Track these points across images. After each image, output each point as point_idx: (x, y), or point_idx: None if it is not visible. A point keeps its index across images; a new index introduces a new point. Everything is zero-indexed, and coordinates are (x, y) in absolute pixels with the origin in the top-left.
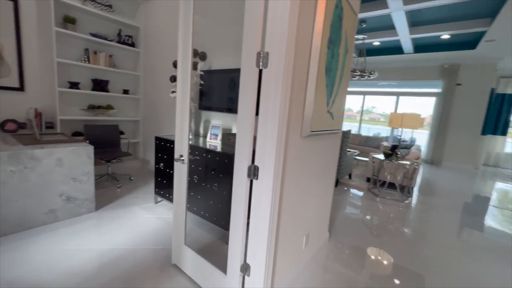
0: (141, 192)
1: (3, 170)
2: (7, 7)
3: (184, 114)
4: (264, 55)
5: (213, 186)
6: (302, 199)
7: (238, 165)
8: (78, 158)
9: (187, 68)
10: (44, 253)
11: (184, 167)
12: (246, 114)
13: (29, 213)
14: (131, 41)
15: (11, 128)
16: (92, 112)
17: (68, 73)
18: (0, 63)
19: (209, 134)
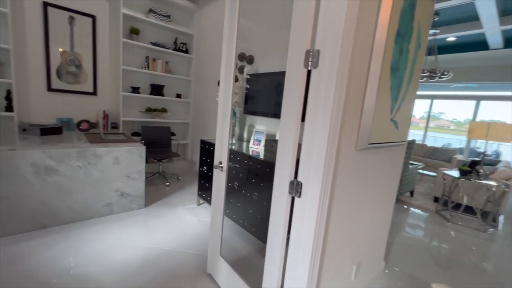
0: (186, 192)
1: (72, 165)
2: (87, 22)
3: (225, 121)
4: (314, 53)
5: (253, 195)
6: (354, 222)
7: (278, 179)
8: (132, 157)
9: (230, 71)
10: (97, 244)
11: (223, 175)
12: (290, 120)
13: (90, 205)
14: (185, 48)
15: (84, 127)
16: (149, 114)
17: (131, 79)
18: (80, 71)
19: (252, 139)
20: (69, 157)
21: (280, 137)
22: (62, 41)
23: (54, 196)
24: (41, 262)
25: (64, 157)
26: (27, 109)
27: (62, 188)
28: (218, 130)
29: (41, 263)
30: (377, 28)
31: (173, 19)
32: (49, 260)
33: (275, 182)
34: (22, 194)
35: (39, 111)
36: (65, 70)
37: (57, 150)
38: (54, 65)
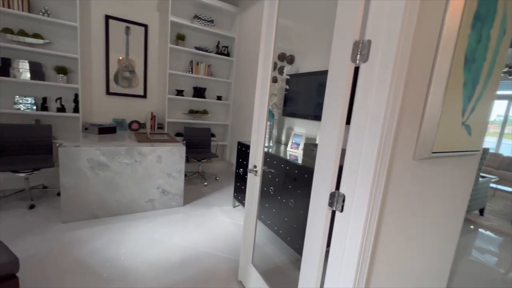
0: (223, 193)
1: (121, 162)
2: (140, 31)
3: (261, 123)
4: (364, 44)
5: (289, 202)
6: (409, 245)
7: (316, 189)
8: (173, 157)
9: (267, 72)
10: (139, 238)
11: (257, 180)
12: (332, 122)
13: (135, 200)
14: (226, 51)
15: (134, 128)
16: (191, 116)
17: (176, 82)
18: (133, 76)
19: (290, 143)
20: (118, 154)
21: (320, 142)
22: (119, 49)
23: (105, 189)
24: (92, 249)
25: (114, 154)
26: (90, 110)
27: (112, 182)
28: (254, 133)
29: (92, 251)
30: (448, 9)
31: (216, 24)
32: (99, 248)
33: (313, 192)
34: (80, 186)
35: (99, 112)
36: (121, 75)
37: (109, 147)
38: (112, 71)
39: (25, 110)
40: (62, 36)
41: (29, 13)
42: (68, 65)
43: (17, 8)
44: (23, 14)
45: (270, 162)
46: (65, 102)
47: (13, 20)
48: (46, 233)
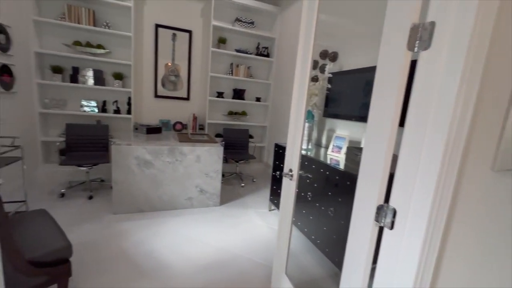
0: (260, 195)
1: (163, 160)
2: (185, 37)
3: (298, 124)
4: (425, 27)
5: (329, 210)
6: (483, 276)
7: (360, 199)
8: (211, 157)
9: (305, 70)
10: (176, 234)
11: (293, 185)
12: (381, 124)
13: (175, 197)
14: (266, 52)
15: (178, 128)
16: (230, 117)
17: (217, 84)
18: (178, 80)
19: (331, 146)
20: (161, 153)
21: (366, 146)
22: (166, 55)
23: (149, 186)
24: (135, 241)
25: (158, 153)
26: (140, 112)
27: (155, 180)
28: (290, 135)
29: (135, 242)
30: None
31: (256, 25)
32: (141, 241)
33: (356, 203)
34: (129, 182)
35: (148, 113)
36: (167, 79)
37: (153, 147)
38: (159, 75)
39: (89, 112)
40: (119, 45)
41: (94, 26)
42: (123, 71)
43: (85, 23)
44: (90, 28)
45: (308, 166)
46: (120, 104)
47: (82, 33)
48: (98, 222)
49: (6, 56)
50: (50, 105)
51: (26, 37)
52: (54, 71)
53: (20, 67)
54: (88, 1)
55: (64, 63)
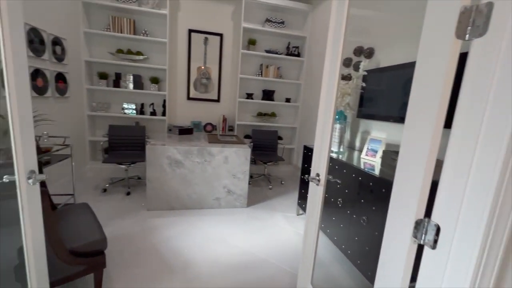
0: (288, 199)
1: (193, 160)
2: (216, 41)
3: (326, 126)
4: (479, 9)
5: (361, 219)
6: None
7: (395, 211)
8: (239, 158)
9: (334, 68)
10: (203, 233)
11: (320, 190)
12: (422, 123)
13: (203, 196)
14: (297, 52)
15: (208, 129)
16: (259, 119)
17: (246, 86)
18: (209, 82)
19: (365, 149)
20: (191, 153)
21: (403, 148)
22: (198, 59)
23: (180, 184)
24: (165, 237)
25: (188, 153)
26: (174, 114)
27: (185, 179)
28: (317, 137)
29: (164, 238)
30: None
31: (287, 25)
32: (170, 237)
33: (390, 214)
34: (161, 180)
35: (181, 115)
36: (199, 82)
37: (183, 147)
38: (192, 78)
39: (129, 114)
40: (156, 51)
41: (134, 35)
42: (159, 75)
43: (127, 32)
44: (131, 36)
45: (338, 170)
46: (156, 107)
47: (123, 42)
48: (133, 217)
49: (61, 65)
50: (96, 108)
51: (78, 48)
52: (100, 77)
53: (72, 74)
54: (129, 12)
55: (108, 69)
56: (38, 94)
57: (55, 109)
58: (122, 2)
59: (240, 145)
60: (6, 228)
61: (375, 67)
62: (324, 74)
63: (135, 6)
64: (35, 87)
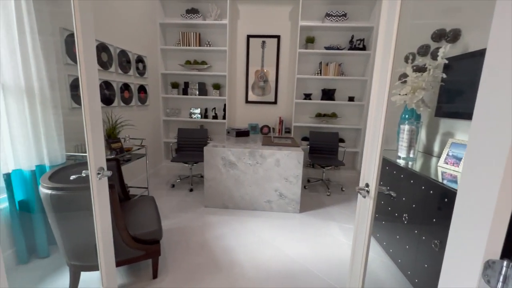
0: (347, 208)
1: (245, 162)
2: (273, 43)
3: (377, 127)
4: None
5: (432, 242)
6: None
7: (456, 243)
8: (291, 161)
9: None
10: (252, 235)
11: (369, 203)
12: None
13: (255, 198)
14: (362, 45)
15: (265, 131)
16: (318, 120)
17: (304, 86)
18: (266, 84)
19: (444, 155)
20: (243, 155)
21: (467, 158)
22: (256, 62)
23: (233, 185)
24: (217, 235)
25: (240, 155)
26: (233, 117)
27: (238, 180)
28: (367, 140)
29: (216, 236)
30: None
31: (350, 17)
32: (222, 235)
33: (449, 247)
34: (217, 179)
35: (239, 118)
36: (257, 85)
37: (236, 149)
38: (250, 82)
39: (195, 118)
40: (217, 59)
41: (199, 46)
42: (220, 81)
43: (193, 45)
44: (196, 48)
45: (403, 180)
46: (218, 111)
47: (190, 54)
48: (192, 212)
49: (143, 78)
50: (170, 113)
51: (156, 63)
52: (172, 87)
53: (151, 85)
54: (195, 26)
55: (179, 79)
56: (125, 104)
57: (137, 115)
58: (189, 18)
59: (293, 147)
60: (88, 211)
61: (461, 52)
62: (375, 65)
63: (200, 20)
64: (123, 98)
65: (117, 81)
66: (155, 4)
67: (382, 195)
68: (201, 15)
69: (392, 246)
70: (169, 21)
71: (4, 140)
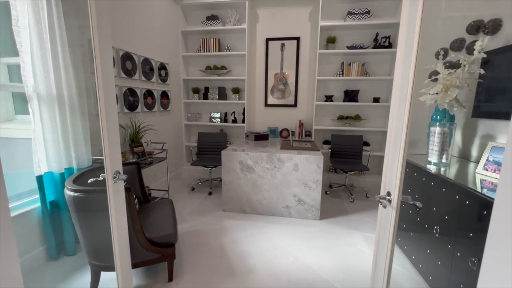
0: (371, 216)
1: (263, 166)
2: (293, 45)
3: (398, 129)
4: None
5: (469, 260)
6: None
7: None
8: (310, 166)
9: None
10: (269, 241)
11: (390, 213)
12: None
13: (273, 203)
14: (387, 42)
15: (284, 135)
16: (340, 122)
17: (325, 87)
18: (286, 87)
19: (483, 161)
20: (261, 159)
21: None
22: (275, 65)
23: (251, 189)
24: (233, 239)
25: (258, 159)
26: (252, 120)
27: (256, 184)
28: (388, 144)
29: (233, 240)
30: None
31: (373, 14)
32: (238, 240)
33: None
34: (234, 183)
35: (259, 122)
36: (276, 88)
37: (254, 153)
38: (269, 86)
39: (215, 122)
40: (236, 63)
41: (219, 52)
42: (239, 85)
43: (213, 50)
44: (216, 53)
45: (434, 188)
46: (237, 115)
47: (211, 59)
48: (210, 216)
49: (165, 85)
50: (191, 118)
51: (178, 69)
52: (193, 92)
53: (173, 91)
54: (215, 32)
55: (199, 84)
56: (148, 109)
57: (160, 120)
58: (209, 25)
59: (312, 151)
60: (107, 213)
61: (503, 44)
62: (397, 61)
63: (220, 26)
64: (146, 104)
65: (140, 88)
66: (177, 13)
67: (407, 204)
68: (220, 21)
69: (422, 261)
70: (191, 28)
71: (38, 145)
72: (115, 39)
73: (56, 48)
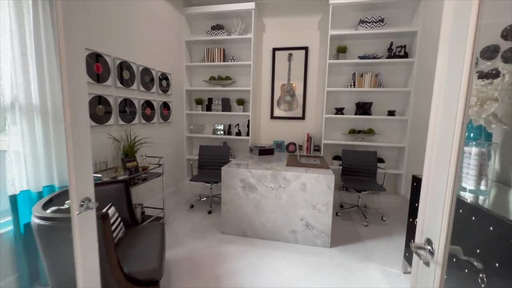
0: (390, 244)
1: (267, 185)
2: (301, 55)
3: (443, 154)
4: None
5: None
6: None
7: None
8: (319, 186)
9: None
10: (271, 273)
11: (434, 272)
12: None
13: (278, 227)
14: (403, 52)
15: (291, 149)
16: (352, 137)
17: (335, 99)
18: (293, 99)
19: None
20: (265, 178)
21: None
22: (282, 76)
23: (253, 210)
24: (231, 270)
25: (261, 177)
26: (257, 133)
27: (258, 205)
28: (426, 173)
29: (230, 271)
30: None
31: (387, 22)
32: (236, 271)
33: None
34: (235, 203)
35: (264, 135)
36: (283, 100)
37: (257, 170)
38: (276, 97)
39: (219, 134)
40: (241, 74)
41: (224, 62)
42: (244, 97)
43: (217, 60)
44: (221, 64)
45: (476, 225)
46: (241, 127)
47: (215, 70)
48: (207, 239)
49: (166, 95)
50: (193, 130)
51: (181, 80)
52: (197, 103)
53: (175, 102)
54: (220, 42)
55: (203, 95)
56: (146, 121)
57: (159, 132)
58: (214, 34)
59: (322, 170)
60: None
61: None
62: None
63: (225, 35)
64: (144, 115)
65: (138, 98)
66: (182, 23)
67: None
68: (225, 31)
69: None
70: (195, 38)
71: (14, 160)
72: (111, 48)
73: (41, 54)
